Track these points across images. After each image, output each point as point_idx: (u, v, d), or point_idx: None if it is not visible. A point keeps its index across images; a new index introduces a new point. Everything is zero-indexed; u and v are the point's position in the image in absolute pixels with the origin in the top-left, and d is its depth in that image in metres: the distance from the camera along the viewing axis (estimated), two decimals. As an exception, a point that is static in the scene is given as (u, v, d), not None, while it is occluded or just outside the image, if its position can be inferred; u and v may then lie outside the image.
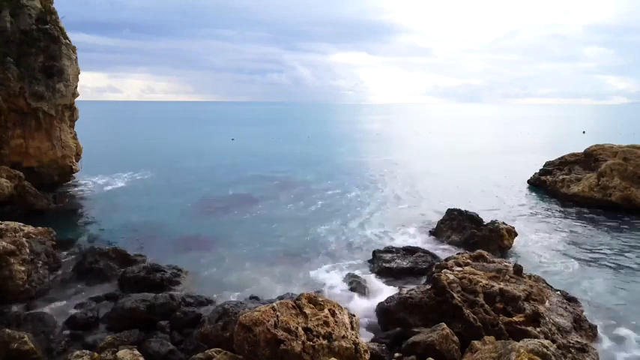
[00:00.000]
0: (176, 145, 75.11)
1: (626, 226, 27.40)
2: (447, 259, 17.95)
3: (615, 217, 29.33)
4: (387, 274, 19.51)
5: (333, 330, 11.57)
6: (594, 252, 23.15)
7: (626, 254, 22.80)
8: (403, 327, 14.58)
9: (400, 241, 24.78)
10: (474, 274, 15.66)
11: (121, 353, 11.77)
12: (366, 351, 11.87)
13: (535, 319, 13.72)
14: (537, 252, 23.24)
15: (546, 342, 11.29)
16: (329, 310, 12.14)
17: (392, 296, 16.51)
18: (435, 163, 55.07)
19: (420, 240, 25.08)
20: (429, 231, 26.46)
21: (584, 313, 15.51)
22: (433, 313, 14.57)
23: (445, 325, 13.24)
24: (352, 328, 12.17)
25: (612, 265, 21.45)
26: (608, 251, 23.25)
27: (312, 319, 11.68)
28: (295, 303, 12.14)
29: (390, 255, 20.95)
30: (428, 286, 15.60)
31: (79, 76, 37.46)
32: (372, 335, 14.88)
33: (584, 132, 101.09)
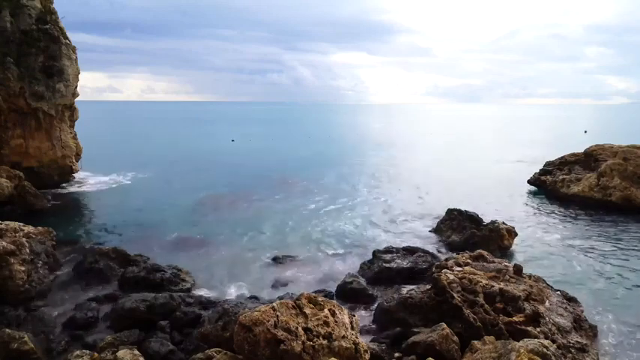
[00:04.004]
0: (176, 146, 75.16)
1: (626, 226, 27.38)
2: (447, 259, 17.95)
3: (615, 217, 29.31)
4: (387, 274, 19.49)
5: (333, 330, 11.56)
6: (594, 252, 23.14)
7: (626, 254, 22.79)
8: (403, 327, 14.57)
9: (400, 241, 24.80)
10: (474, 274, 15.66)
11: (121, 353, 11.77)
12: (366, 351, 11.87)
13: (535, 319, 13.72)
14: (537, 252, 23.25)
15: (546, 342, 11.29)
16: (329, 310, 12.13)
17: (392, 296, 16.52)
18: (434, 164, 55.10)
19: (420, 240, 25.09)
20: (429, 231, 26.47)
21: (584, 313, 15.51)
22: (433, 313, 14.57)
23: (445, 325, 13.24)
24: (352, 328, 12.16)
25: (612, 265, 21.43)
26: (608, 251, 23.25)
27: (312, 319, 11.67)
28: (295, 303, 12.13)
29: (390, 255, 20.93)
30: (428, 286, 15.60)
31: (79, 76, 37.48)
32: (372, 335, 14.89)
33: (585, 131, 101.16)
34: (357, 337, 12.00)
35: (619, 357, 13.98)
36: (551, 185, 36.28)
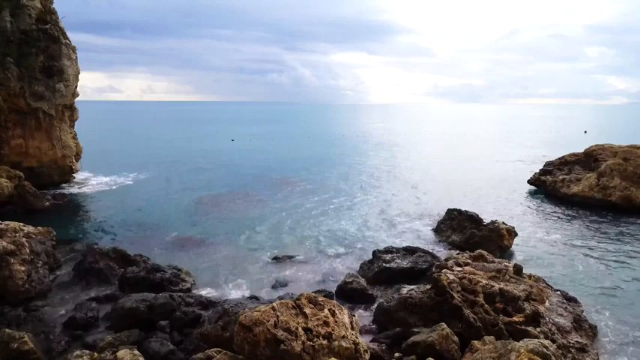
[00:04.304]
0: (176, 146, 75.13)
1: (626, 226, 27.38)
2: (447, 259, 17.93)
3: (615, 217, 29.33)
4: (387, 274, 19.50)
5: (333, 330, 11.56)
6: (594, 252, 23.14)
7: (627, 254, 22.79)
8: (403, 327, 14.57)
9: (400, 241, 24.80)
10: (474, 274, 15.66)
11: (121, 353, 11.76)
12: (366, 351, 11.87)
13: (535, 319, 13.72)
14: (537, 252, 23.24)
15: (546, 342, 11.28)
16: (329, 310, 12.14)
17: (392, 296, 16.52)
18: (434, 164, 55.10)
19: (419, 240, 25.09)
20: (429, 231, 26.46)
21: (584, 313, 15.52)
22: (433, 313, 14.56)
23: (445, 325, 13.24)
24: (352, 328, 12.16)
25: (612, 264, 21.44)
26: (608, 251, 23.24)
27: (312, 319, 11.67)
28: (295, 303, 12.13)
29: (390, 255, 20.93)
30: (428, 286, 15.59)
31: (79, 76, 37.51)
32: (372, 335, 14.89)
33: (585, 132, 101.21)
34: (357, 337, 12.00)
35: (619, 356, 13.97)
36: (551, 185, 36.28)
